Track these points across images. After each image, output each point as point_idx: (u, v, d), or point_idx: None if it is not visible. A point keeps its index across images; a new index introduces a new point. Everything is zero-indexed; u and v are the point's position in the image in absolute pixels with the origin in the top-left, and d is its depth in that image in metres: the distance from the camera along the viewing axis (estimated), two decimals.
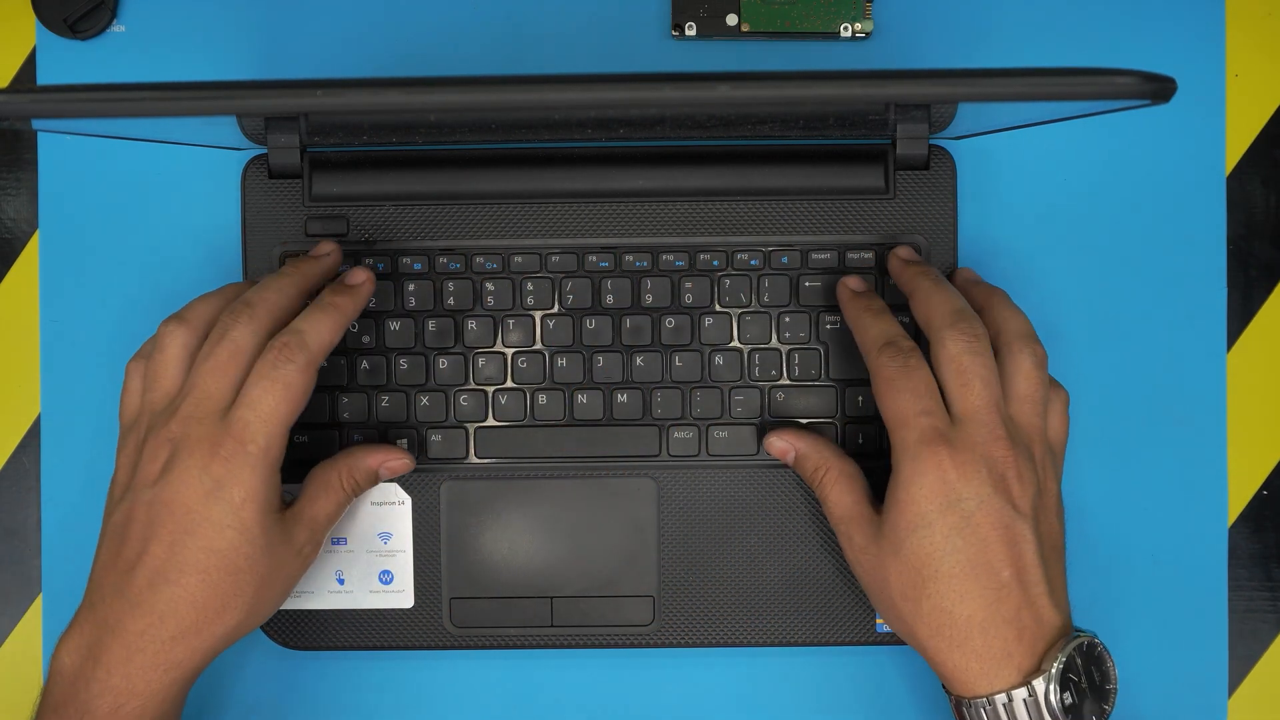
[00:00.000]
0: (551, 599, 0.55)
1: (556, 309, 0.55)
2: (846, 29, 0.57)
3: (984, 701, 0.47)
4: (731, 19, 0.57)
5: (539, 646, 0.55)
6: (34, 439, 0.58)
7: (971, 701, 0.47)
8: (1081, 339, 0.57)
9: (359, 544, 0.55)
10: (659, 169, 0.55)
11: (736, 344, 0.55)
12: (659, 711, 0.57)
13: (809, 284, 0.55)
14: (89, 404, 0.57)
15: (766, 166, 0.55)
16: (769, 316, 0.55)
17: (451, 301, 0.55)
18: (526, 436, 0.55)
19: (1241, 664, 0.57)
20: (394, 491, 0.55)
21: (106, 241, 0.57)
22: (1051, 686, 0.46)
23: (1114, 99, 0.41)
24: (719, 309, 0.55)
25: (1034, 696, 0.46)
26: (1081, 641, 0.47)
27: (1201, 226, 0.57)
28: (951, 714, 0.50)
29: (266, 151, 0.55)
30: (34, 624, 0.58)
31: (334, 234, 0.55)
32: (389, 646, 0.55)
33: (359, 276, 0.52)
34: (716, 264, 0.55)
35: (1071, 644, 0.47)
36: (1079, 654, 0.47)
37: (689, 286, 0.55)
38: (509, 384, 0.55)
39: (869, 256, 0.55)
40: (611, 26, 0.58)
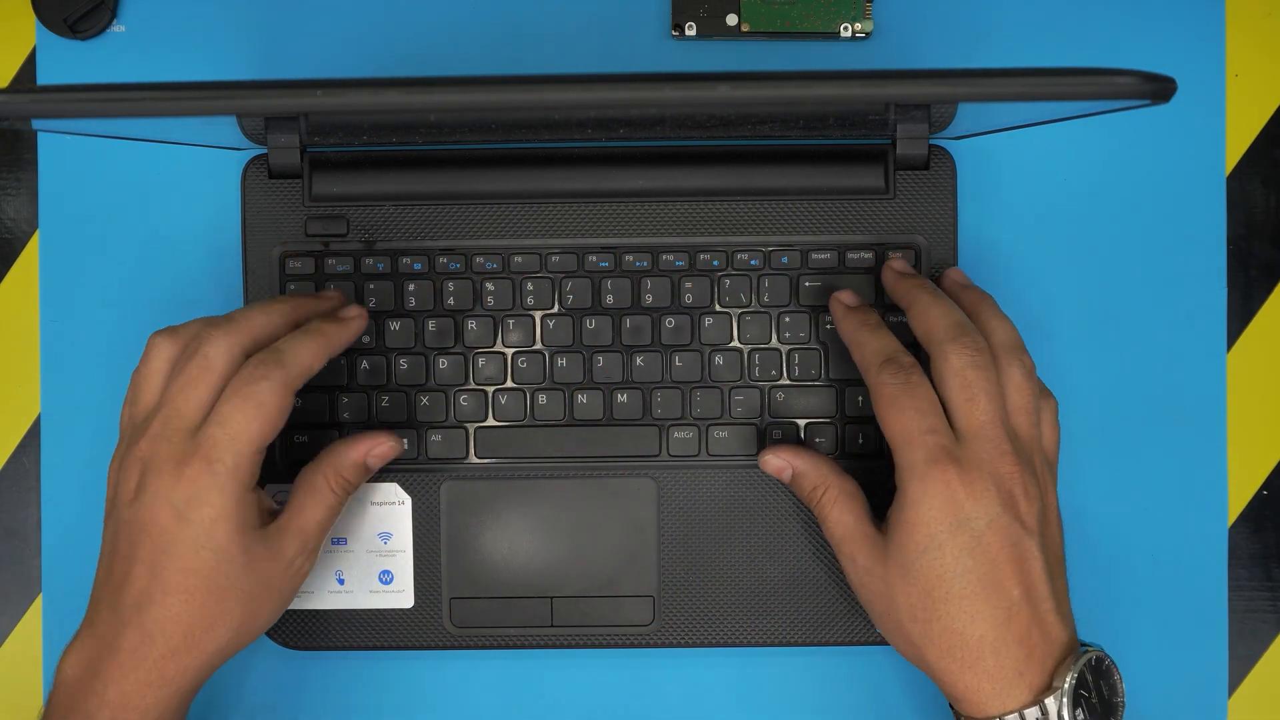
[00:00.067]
0: (551, 599, 0.55)
1: (556, 309, 0.55)
2: (846, 29, 0.57)
3: None
4: (731, 19, 0.57)
5: (539, 646, 0.55)
6: (34, 439, 0.58)
7: None
8: (1081, 339, 0.57)
9: (359, 544, 0.55)
10: (659, 169, 0.55)
11: (736, 344, 0.55)
12: (659, 711, 0.57)
13: (809, 284, 0.55)
14: (89, 404, 0.57)
15: (766, 166, 0.55)
16: (769, 316, 0.55)
17: (451, 301, 0.55)
18: (526, 436, 0.55)
19: (1241, 664, 0.57)
20: (394, 491, 0.55)
21: (106, 241, 0.57)
22: (1064, 704, 0.46)
23: (1114, 99, 0.41)
24: (719, 309, 0.55)
25: (1046, 715, 0.46)
26: (1090, 657, 0.47)
27: (1201, 226, 0.57)
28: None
29: (266, 151, 0.55)
30: (34, 624, 0.58)
31: (334, 234, 0.55)
32: (389, 646, 0.55)
33: (352, 311, 0.52)
34: (716, 264, 0.55)
35: (1081, 660, 0.47)
36: (1089, 670, 0.47)
37: (689, 286, 0.55)
38: (509, 384, 0.55)
39: (869, 256, 0.55)
40: (611, 26, 0.58)
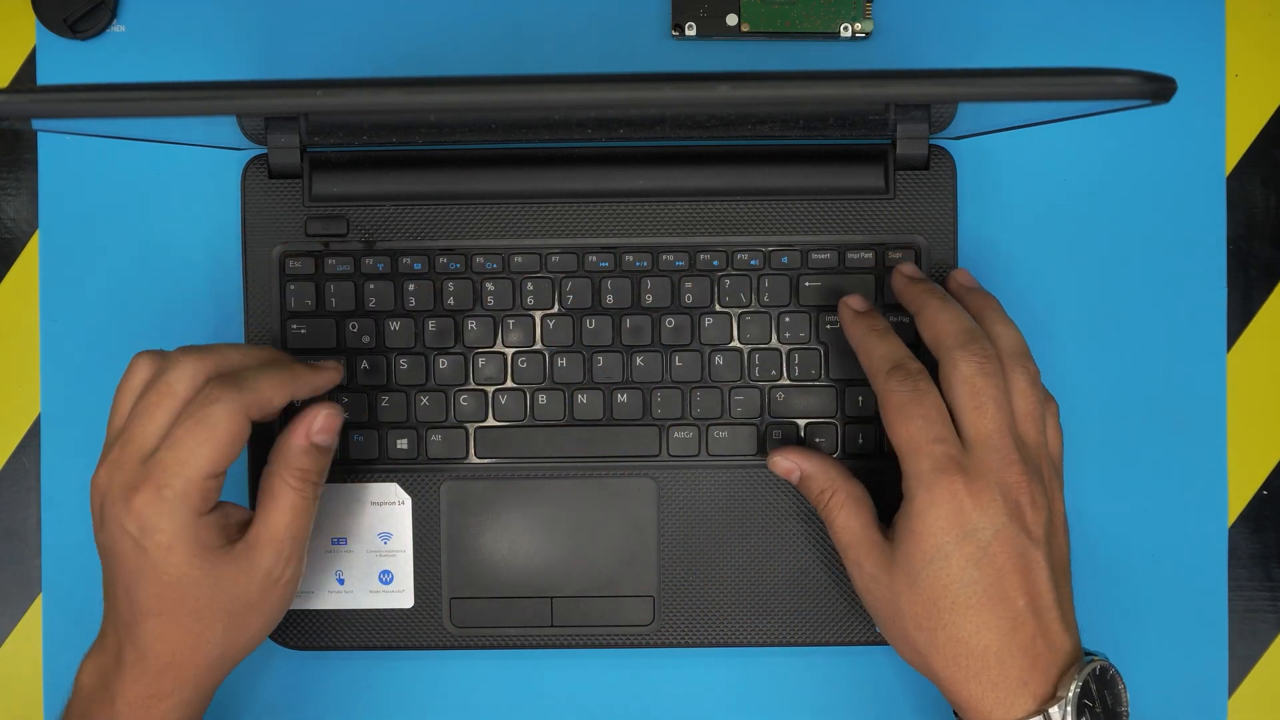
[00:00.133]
0: (551, 599, 0.55)
1: (556, 309, 0.55)
2: (846, 29, 0.57)
3: None
4: (731, 19, 0.57)
5: (539, 646, 0.55)
6: (34, 439, 0.58)
7: None
8: (1081, 339, 0.57)
9: (359, 544, 0.55)
10: (659, 169, 0.55)
11: (736, 344, 0.55)
12: (659, 711, 0.57)
13: (809, 284, 0.55)
14: (89, 404, 0.57)
15: (766, 166, 0.55)
16: (769, 316, 0.55)
17: (451, 301, 0.55)
18: (526, 436, 0.55)
19: (1241, 664, 0.57)
20: (394, 491, 0.55)
21: (106, 241, 0.57)
22: (1068, 713, 0.46)
23: (1114, 99, 0.41)
24: (719, 309, 0.55)
25: None
26: (1095, 666, 0.47)
27: (1201, 226, 0.57)
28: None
29: (266, 151, 0.55)
30: (34, 624, 0.58)
31: (334, 234, 0.55)
32: (389, 646, 0.55)
33: (330, 363, 0.52)
34: (716, 264, 0.55)
35: (1086, 670, 0.47)
36: (1093, 679, 0.47)
37: (689, 286, 0.55)
38: (509, 384, 0.55)
39: (869, 256, 0.55)
40: (611, 26, 0.58)
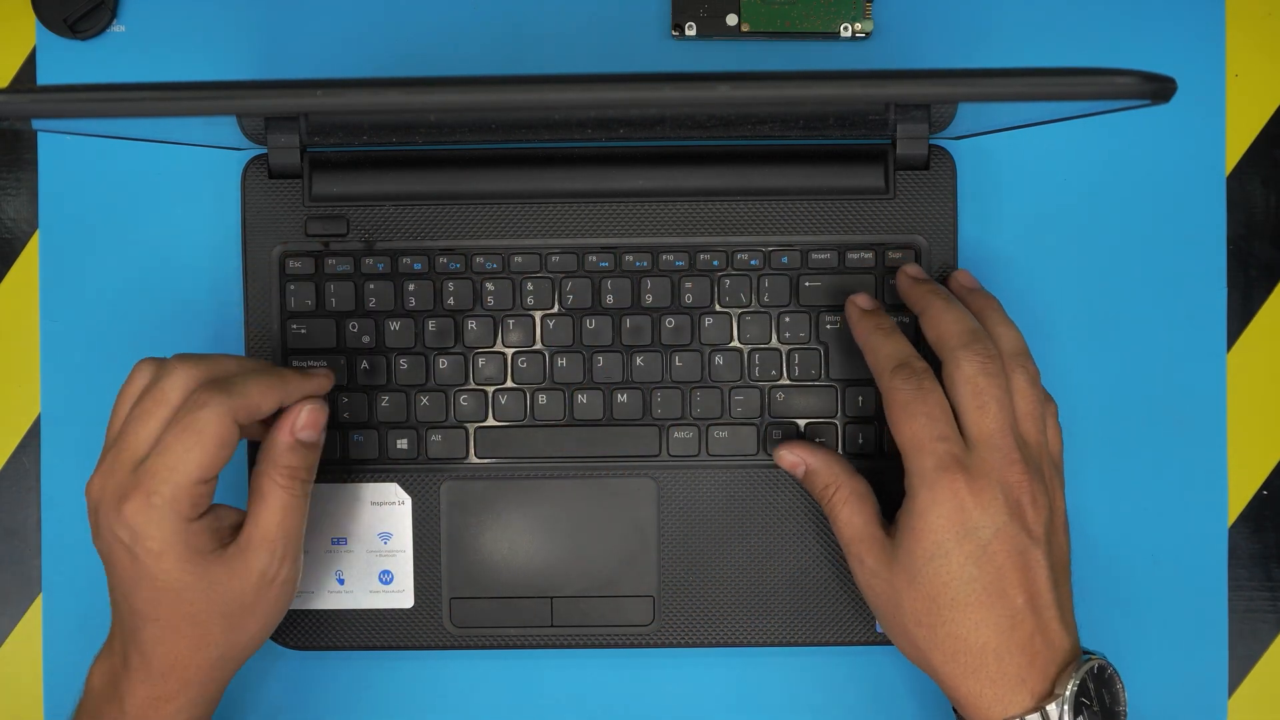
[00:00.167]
0: (551, 599, 0.55)
1: (556, 309, 0.55)
2: (846, 29, 0.57)
3: None
4: (731, 19, 0.57)
5: (539, 646, 0.55)
6: (34, 439, 0.58)
7: None
8: (1081, 339, 0.57)
9: (359, 544, 0.55)
10: (659, 169, 0.55)
11: (736, 344, 0.55)
12: (659, 711, 0.57)
13: (809, 284, 0.55)
14: (89, 404, 0.57)
15: (766, 166, 0.55)
16: (769, 316, 0.55)
17: (451, 301, 0.55)
18: (526, 436, 0.55)
19: (1241, 664, 0.57)
20: (394, 491, 0.55)
21: (106, 241, 0.57)
22: (1065, 711, 0.46)
23: (1114, 99, 0.41)
24: (719, 309, 0.55)
25: None
26: (1093, 665, 0.47)
27: (1201, 226, 0.57)
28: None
29: (266, 151, 0.55)
30: (34, 624, 0.58)
31: (334, 234, 0.55)
32: (389, 646, 0.55)
33: (319, 371, 0.52)
34: (716, 264, 0.55)
35: (1083, 668, 0.47)
36: (1090, 678, 0.47)
37: (689, 286, 0.55)
38: (509, 384, 0.55)
39: (869, 256, 0.55)
40: (611, 26, 0.58)
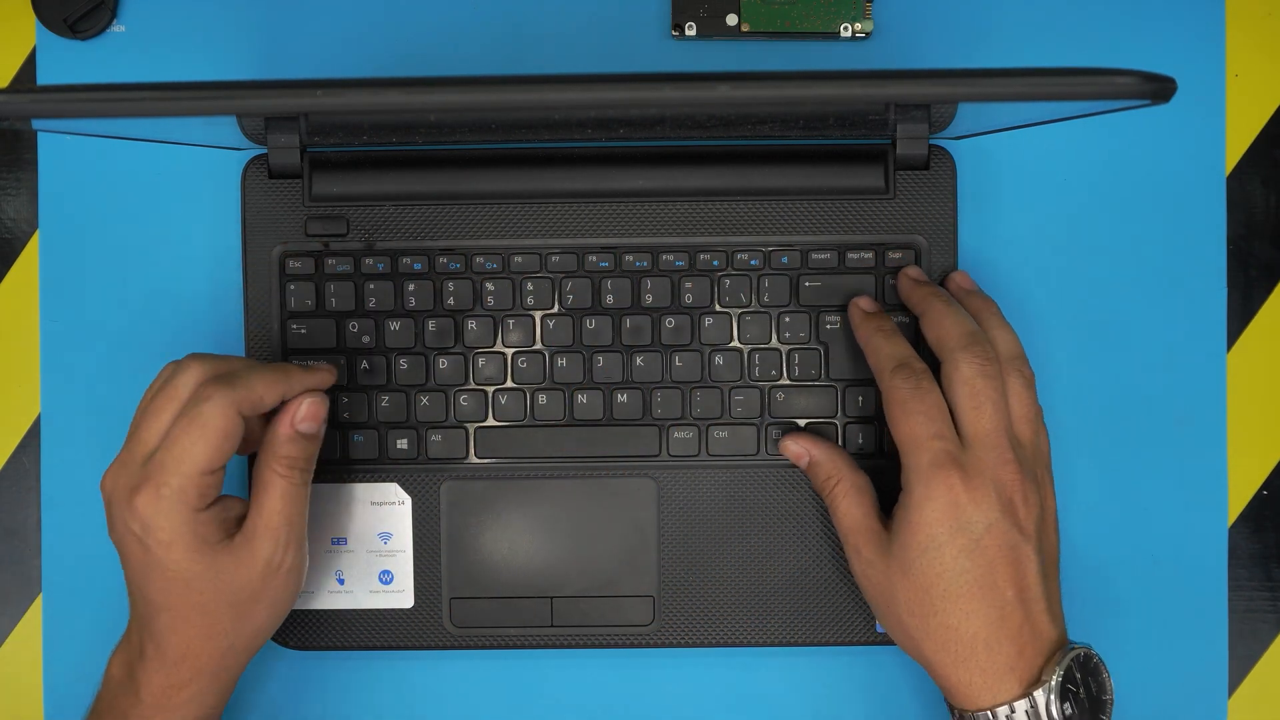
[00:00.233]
0: (551, 599, 0.55)
1: (556, 309, 0.55)
2: (846, 29, 0.56)
3: (987, 714, 0.48)
4: (731, 19, 0.57)
5: (539, 646, 0.55)
6: (34, 439, 0.58)
7: (975, 715, 0.48)
8: (1081, 339, 0.57)
9: (359, 544, 0.55)
10: (659, 169, 0.55)
11: (736, 344, 0.55)
12: (659, 711, 0.57)
13: (809, 284, 0.55)
14: (89, 404, 0.57)
15: (766, 166, 0.55)
16: (769, 316, 0.55)
17: (451, 301, 0.55)
18: (526, 436, 0.55)
19: (1241, 664, 0.57)
20: (394, 491, 0.55)
21: (106, 241, 0.57)
22: (1052, 697, 0.47)
23: (1114, 99, 0.41)
24: (719, 309, 0.55)
25: (1035, 707, 0.47)
26: (1078, 653, 0.48)
27: (1201, 226, 0.57)
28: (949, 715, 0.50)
29: (266, 151, 0.55)
30: (34, 624, 0.58)
31: (334, 234, 0.55)
32: (389, 646, 0.55)
33: (322, 367, 0.53)
34: (716, 264, 0.55)
35: (1069, 656, 0.48)
36: (1076, 665, 0.48)
37: (689, 286, 0.55)
38: (509, 384, 0.55)
39: (869, 256, 0.55)
40: (611, 26, 0.57)
